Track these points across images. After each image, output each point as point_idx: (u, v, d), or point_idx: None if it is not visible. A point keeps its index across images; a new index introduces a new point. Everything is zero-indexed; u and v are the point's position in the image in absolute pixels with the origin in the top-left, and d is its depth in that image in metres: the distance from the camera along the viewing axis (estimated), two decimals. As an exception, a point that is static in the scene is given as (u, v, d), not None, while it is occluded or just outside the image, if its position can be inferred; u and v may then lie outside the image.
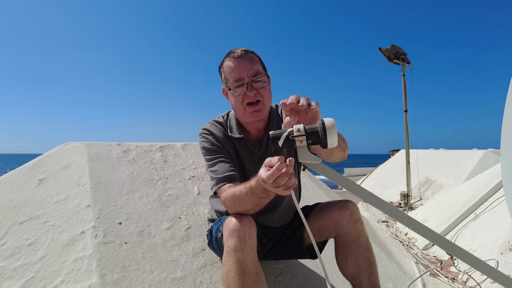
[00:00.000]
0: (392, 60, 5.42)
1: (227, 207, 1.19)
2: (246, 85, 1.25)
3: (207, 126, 1.40)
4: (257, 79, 1.26)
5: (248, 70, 1.25)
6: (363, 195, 0.84)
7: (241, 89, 1.26)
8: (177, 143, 2.57)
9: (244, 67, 1.25)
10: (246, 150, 1.38)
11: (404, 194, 5.23)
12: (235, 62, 1.26)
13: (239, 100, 1.28)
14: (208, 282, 1.50)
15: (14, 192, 1.83)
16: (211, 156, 1.32)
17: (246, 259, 1.08)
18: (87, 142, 2.25)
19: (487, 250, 2.35)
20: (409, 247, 2.89)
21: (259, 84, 1.27)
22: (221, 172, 1.25)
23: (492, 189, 3.04)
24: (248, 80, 1.25)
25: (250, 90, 1.25)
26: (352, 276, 1.28)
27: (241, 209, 1.14)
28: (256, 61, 1.29)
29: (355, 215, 1.30)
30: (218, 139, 1.35)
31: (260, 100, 1.28)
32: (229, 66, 1.27)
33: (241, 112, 1.30)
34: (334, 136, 0.83)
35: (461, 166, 6.45)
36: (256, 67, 1.27)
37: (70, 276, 1.38)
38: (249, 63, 1.26)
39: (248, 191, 1.07)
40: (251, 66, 1.26)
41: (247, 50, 1.29)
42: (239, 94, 1.26)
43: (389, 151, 12.26)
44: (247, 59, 1.26)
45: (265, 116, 1.35)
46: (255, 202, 1.09)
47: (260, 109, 1.29)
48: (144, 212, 1.79)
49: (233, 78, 1.26)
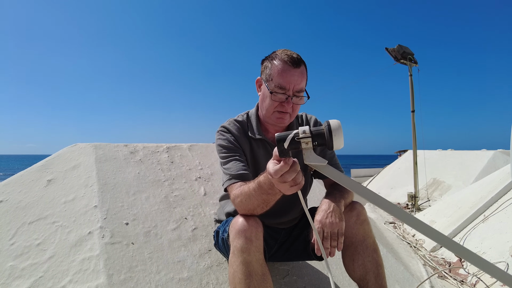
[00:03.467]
0: (399, 60, 5.37)
1: (236, 205, 1.19)
2: (287, 97, 1.26)
3: (226, 124, 1.40)
4: (299, 95, 1.27)
5: (296, 84, 1.25)
6: (370, 197, 0.84)
7: (281, 97, 1.26)
8: (184, 144, 2.58)
9: (294, 80, 1.24)
10: (263, 151, 1.39)
11: (411, 195, 5.18)
12: (288, 69, 1.24)
13: (272, 104, 1.29)
14: (215, 283, 1.50)
15: (23, 193, 1.86)
16: (226, 154, 1.32)
17: (253, 259, 1.08)
18: (94, 143, 2.27)
19: (496, 252, 2.32)
20: (416, 248, 2.86)
21: (297, 100, 1.28)
22: (234, 170, 1.26)
23: (502, 190, 2.99)
24: (291, 93, 1.25)
25: (288, 103, 1.26)
26: (359, 278, 1.27)
27: (248, 207, 1.14)
28: (305, 76, 1.29)
29: (362, 216, 1.29)
30: (236, 138, 1.36)
31: (290, 113, 1.30)
32: (280, 69, 1.24)
33: (268, 112, 1.32)
34: (340, 137, 0.83)
35: (470, 167, 6.36)
36: (303, 83, 1.28)
37: (77, 276, 1.40)
38: (299, 77, 1.25)
39: (256, 186, 1.07)
40: (300, 81, 1.26)
41: (301, 59, 1.28)
42: (277, 101, 1.27)
43: (396, 151, 12.17)
44: (299, 72, 1.25)
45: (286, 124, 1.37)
46: (262, 199, 1.08)
47: (285, 118, 1.31)
48: (151, 213, 1.80)
49: (279, 83, 1.24)
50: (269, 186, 1.02)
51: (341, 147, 0.84)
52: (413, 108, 5.33)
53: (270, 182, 1.00)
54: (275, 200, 1.10)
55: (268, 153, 1.38)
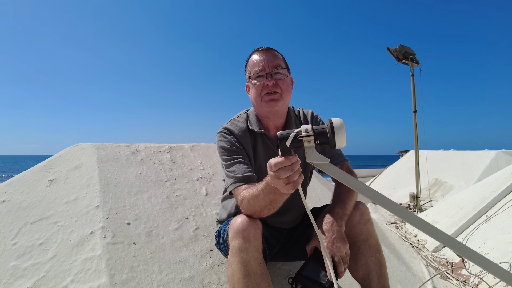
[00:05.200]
0: (401, 60, 5.36)
1: (243, 207, 1.18)
2: (266, 75, 1.30)
3: (227, 125, 1.40)
4: (277, 71, 1.31)
5: (269, 62, 1.31)
6: (372, 196, 0.83)
7: (261, 78, 1.30)
8: (185, 144, 2.58)
9: (266, 59, 1.31)
10: (264, 146, 1.39)
11: (413, 196, 5.16)
12: (259, 55, 1.33)
13: (257, 90, 1.32)
14: (216, 283, 1.50)
15: (25, 193, 1.86)
16: (229, 156, 1.31)
17: (251, 259, 1.08)
18: (96, 144, 2.28)
19: (499, 252, 2.31)
20: (418, 249, 2.85)
21: (278, 76, 1.31)
22: (239, 173, 1.25)
23: (505, 190, 2.98)
24: (269, 70, 1.30)
25: (269, 80, 1.29)
26: (362, 277, 1.26)
27: (255, 208, 1.13)
28: (279, 57, 1.35)
29: (366, 215, 1.29)
30: (238, 138, 1.36)
31: (278, 92, 1.31)
32: (253, 60, 1.34)
33: (259, 102, 1.33)
34: (342, 136, 0.83)
35: (472, 167, 6.34)
36: (278, 61, 1.33)
37: (79, 275, 1.40)
38: (270, 56, 1.33)
39: (264, 186, 1.06)
40: (272, 59, 1.32)
41: (271, 48, 1.36)
42: (259, 83, 1.31)
43: (398, 152, 12.14)
44: (270, 53, 1.33)
45: (282, 110, 1.37)
46: (269, 199, 1.07)
47: (277, 99, 1.31)
48: (153, 213, 1.80)
49: (254, 70, 1.32)
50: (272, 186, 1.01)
51: (343, 146, 0.84)
52: (415, 108, 5.31)
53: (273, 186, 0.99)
54: (283, 200, 1.08)
55: (269, 149, 1.39)
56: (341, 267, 1.13)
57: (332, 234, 1.18)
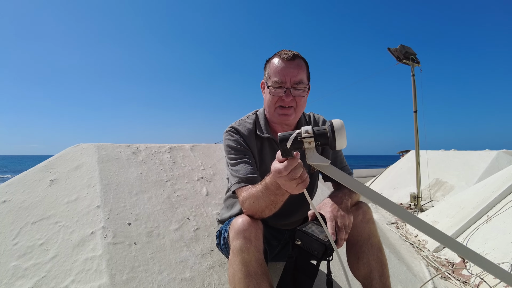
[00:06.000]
0: (402, 60, 5.35)
1: (245, 207, 1.19)
2: (285, 89, 1.26)
3: (235, 125, 1.40)
4: (298, 87, 1.27)
5: (292, 76, 1.26)
6: (372, 196, 0.83)
7: (279, 91, 1.27)
8: (186, 144, 2.59)
9: (289, 72, 1.26)
10: (271, 150, 1.39)
11: (414, 196, 5.16)
12: (283, 64, 1.27)
13: (273, 100, 1.30)
14: (217, 283, 1.50)
15: (26, 193, 1.86)
16: (235, 155, 1.32)
17: (252, 259, 1.08)
18: (97, 144, 2.28)
19: (500, 253, 2.30)
20: (419, 249, 2.85)
21: (297, 92, 1.28)
22: (243, 173, 1.26)
23: (506, 190, 2.97)
24: (289, 85, 1.26)
25: (287, 95, 1.27)
26: (364, 276, 1.26)
27: (257, 209, 1.14)
28: (303, 69, 1.30)
29: (368, 215, 1.29)
30: (245, 139, 1.36)
31: (293, 107, 1.30)
32: (275, 66, 1.28)
33: (271, 110, 1.33)
34: (342, 137, 0.83)
35: (473, 167, 6.33)
36: (301, 75, 1.28)
37: (80, 276, 1.40)
38: (295, 69, 1.27)
39: (263, 187, 1.08)
40: (296, 72, 1.27)
41: (298, 54, 1.30)
42: (276, 95, 1.28)
43: (399, 152, 12.12)
44: (295, 64, 1.27)
45: (293, 122, 1.37)
46: (270, 200, 1.09)
47: (290, 114, 1.31)
48: (153, 213, 1.80)
49: (275, 78, 1.27)
50: (276, 186, 1.03)
51: (344, 147, 0.84)
52: (415, 108, 5.31)
53: (276, 182, 1.01)
54: (283, 200, 1.10)
55: (275, 153, 1.38)
56: (342, 234, 1.12)
57: (337, 202, 1.20)
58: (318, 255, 1.08)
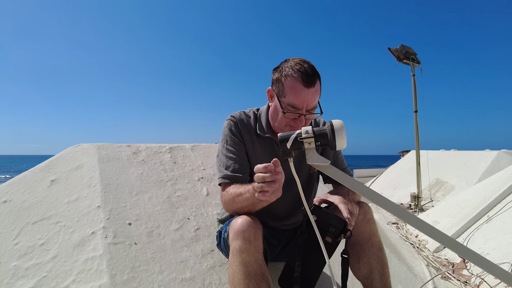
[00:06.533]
0: (402, 60, 5.35)
1: (225, 202, 1.26)
2: (299, 115, 1.24)
3: (236, 115, 1.40)
4: (312, 112, 1.25)
5: (309, 103, 1.22)
6: (373, 197, 0.83)
7: (294, 116, 1.24)
8: (186, 144, 2.59)
9: (307, 100, 1.21)
10: (269, 148, 1.39)
11: (414, 196, 5.16)
12: (302, 89, 1.19)
13: (284, 120, 1.27)
14: (217, 283, 1.50)
15: (27, 193, 1.87)
16: (229, 147, 1.34)
17: (252, 260, 1.08)
18: (97, 144, 2.28)
19: (500, 253, 2.30)
20: (419, 249, 2.85)
21: (311, 117, 1.27)
22: (232, 170, 1.29)
23: (506, 190, 2.97)
24: (304, 112, 1.23)
25: (301, 121, 1.25)
26: (364, 276, 1.26)
27: (237, 206, 1.21)
28: (319, 93, 1.25)
29: (368, 214, 1.29)
30: (243, 132, 1.37)
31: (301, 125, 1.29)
32: (293, 88, 1.20)
33: (280, 125, 1.30)
34: (342, 137, 0.83)
35: (473, 167, 6.32)
36: (317, 100, 1.24)
37: (81, 276, 1.40)
38: (313, 96, 1.21)
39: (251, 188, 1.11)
40: (313, 99, 1.22)
41: (317, 75, 1.22)
42: (289, 118, 1.26)
43: (399, 152, 12.12)
44: (313, 91, 1.21)
45: None
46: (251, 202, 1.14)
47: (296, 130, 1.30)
48: (154, 213, 1.80)
49: (292, 102, 1.22)
50: None
51: (344, 147, 0.84)
52: (416, 108, 5.30)
53: None
54: (262, 206, 1.14)
55: (275, 152, 1.38)
56: (352, 221, 1.13)
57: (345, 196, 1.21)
58: (335, 232, 1.05)
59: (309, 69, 1.20)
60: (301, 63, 1.23)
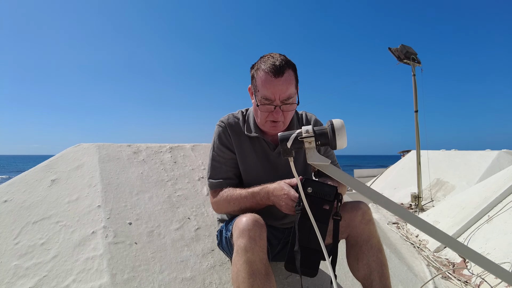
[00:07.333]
0: (402, 60, 5.35)
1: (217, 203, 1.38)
2: (275, 107, 1.25)
3: (225, 119, 1.44)
4: (287, 102, 1.26)
5: (281, 94, 1.23)
6: (373, 196, 0.83)
7: (269, 107, 1.26)
8: (186, 144, 2.59)
9: (278, 90, 1.22)
10: (260, 148, 1.41)
11: (414, 196, 5.16)
12: (271, 80, 1.21)
13: (262, 114, 1.30)
14: (218, 283, 1.50)
15: (27, 193, 1.87)
16: (215, 154, 1.42)
17: (256, 259, 1.08)
18: (98, 143, 2.28)
19: (501, 253, 2.30)
20: (420, 249, 2.85)
21: (287, 107, 1.27)
22: (218, 176, 1.40)
23: (507, 190, 2.97)
24: (278, 103, 1.24)
25: (277, 112, 1.26)
26: (363, 277, 1.26)
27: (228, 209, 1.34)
28: (292, 81, 1.25)
29: (367, 215, 1.29)
30: (232, 136, 1.40)
31: (281, 121, 1.30)
32: (263, 81, 1.23)
33: (262, 122, 1.34)
34: (343, 137, 0.83)
35: (474, 167, 6.32)
36: (290, 89, 1.24)
37: (81, 275, 1.40)
38: (284, 85, 1.22)
39: (249, 194, 1.24)
40: (285, 89, 1.23)
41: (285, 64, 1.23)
42: (265, 111, 1.28)
43: (400, 152, 12.12)
44: (283, 80, 1.22)
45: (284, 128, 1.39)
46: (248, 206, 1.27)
47: (279, 126, 1.32)
48: (154, 213, 1.80)
49: (264, 95, 1.24)
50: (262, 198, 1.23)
51: (344, 147, 0.84)
52: (416, 108, 5.30)
53: (267, 196, 1.21)
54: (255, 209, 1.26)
55: (263, 151, 1.41)
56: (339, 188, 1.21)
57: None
58: (330, 198, 1.11)
59: (277, 61, 1.23)
60: (271, 56, 1.26)
